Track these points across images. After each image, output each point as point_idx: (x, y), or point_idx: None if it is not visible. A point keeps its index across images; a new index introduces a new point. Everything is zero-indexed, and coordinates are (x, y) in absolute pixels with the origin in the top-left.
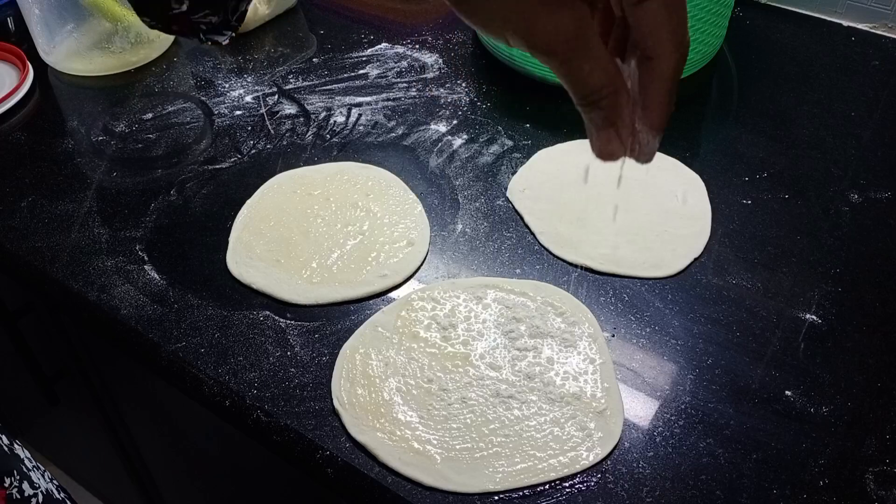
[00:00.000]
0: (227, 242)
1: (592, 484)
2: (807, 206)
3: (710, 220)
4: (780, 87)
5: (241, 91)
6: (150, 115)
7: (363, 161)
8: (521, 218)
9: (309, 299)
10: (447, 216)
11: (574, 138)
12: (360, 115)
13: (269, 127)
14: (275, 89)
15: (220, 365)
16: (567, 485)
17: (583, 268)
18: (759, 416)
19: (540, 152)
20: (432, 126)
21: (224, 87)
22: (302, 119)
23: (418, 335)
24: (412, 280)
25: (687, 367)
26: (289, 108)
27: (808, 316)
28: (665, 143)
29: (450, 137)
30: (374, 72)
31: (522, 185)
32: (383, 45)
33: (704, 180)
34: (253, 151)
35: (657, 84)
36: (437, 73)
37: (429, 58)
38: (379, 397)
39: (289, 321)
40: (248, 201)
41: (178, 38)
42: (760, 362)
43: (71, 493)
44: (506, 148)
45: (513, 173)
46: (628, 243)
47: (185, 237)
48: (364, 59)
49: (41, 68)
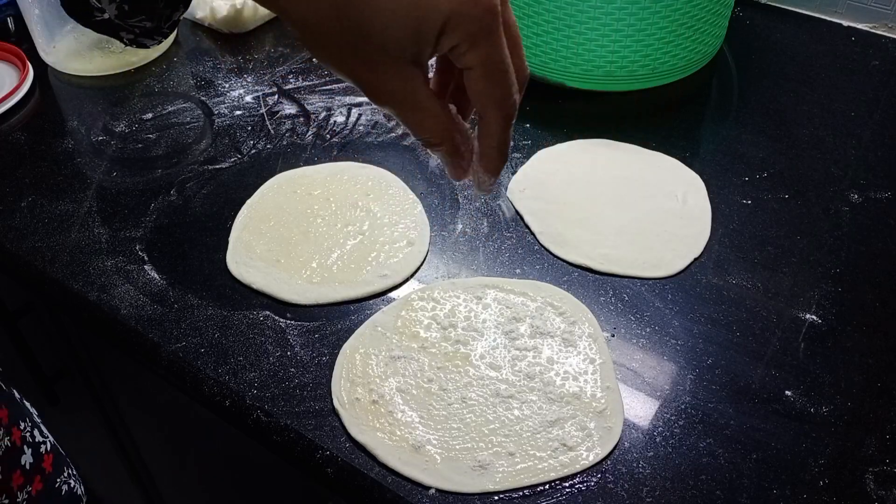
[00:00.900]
0: (227, 242)
1: (592, 484)
2: (807, 206)
3: (710, 220)
4: (780, 87)
5: (241, 91)
6: (150, 115)
7: (363, 161)
8: (521, 218)
9: (309, 299)
10: (447, 216)
11: (574, 138)
12: (360, 115)
13: (269, 127)
14: (275, 89)
15: (220, 365)
16: (567, 485)
17: (583, 268)
18: (759, 416)
19: (540, 152)
20: None
21: (224, 87)
22: (302, 119)
23: (418, 335)
24: (412, 280)
25: (687, 367)
26: (289, 108)
27: (808, 316)
28: (665, 143)
29: None
30: None
31: (522, 184)
32: None
33: (704, 180)
34: (253, 151)
35: (487, 139)
36: None
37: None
38: (379, 397)
39: (289, 321)
40: (248, 201)
41: (178, 38)
42: (760, 362)
43: None
44: None
45: (513, 173)
46: (628, 243)
47: (185, 237)
48: None
49: (41, 68)
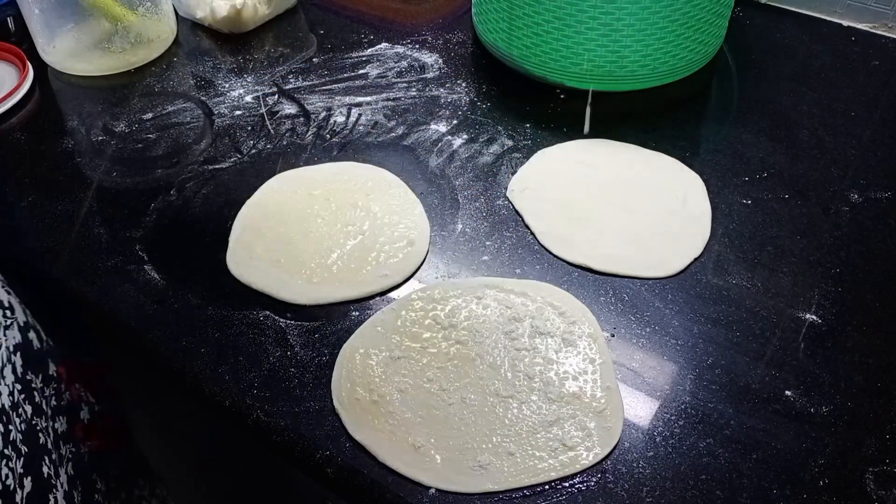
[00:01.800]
0: (227, 242)
1: (592, 484)
2: (807, 206)
3: (710, 220)
4: (780, 87)
5: (241, 91)
6: (150, 115)
7: (363, 161)
8: (521, 218)
9: (309, 299)
10: (447, 216)
11: (574, 138)
12: (360, 115)
13: (269, 127)
14: (275, 89)
15: (220, 365)
16: (567, 485)
17: (583, 268)
18: (759, 416)
19: (540, 152)
20: (432, 126)
21: (224, 87)
22: (302, 119)
23: (418, 335)
24: (412, 280)
25: (687, 367)
26: (289, 108)
27: (808, 316)
28: (665, 143)
29: (450, 137)
30: (374, 72)
31: (522, 185)
32: (383, 45)
33: (704, 180)
34: (253, 151)
35: None
36: (437, 73)
37: (429, 58)
38: (379, 397)
39: (289, 321)
40: (248, 201)
41: (178, 38)
42: (760, 362)
43: None
44: (506, 148)
45: (513, 173)
46: (628, 243)
47: (185, 237)
48: (364, 59)
49: (41, 68)
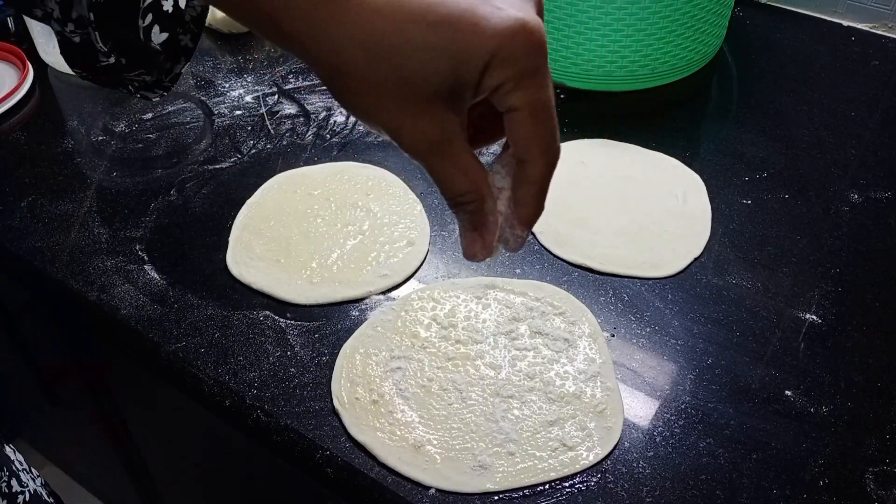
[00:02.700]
0: (227, 242)
1: (592, 484)
2: (807, 206)
3: (710, 220)
4: (780, 87)
5: (241, 91)
6: (150, 115)
7: (363, 161)
8: None
9: (309, 299)
10: (447, 216)
11: (574, 138)
12: None
13: (269, 127)
14: (275, 89)
15: (220, 365)
16: (567, 485)
17: (583, 268)
18: (759, 416)
19: None
20: None
21: (224, 87)
22: (302, 119)
23: (418, 335)
24: (412, 280)
25: (687, 367)
26: (289, 108)
27: (808, 316)
28: (665, 143)
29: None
30: None
31: None
32: None
33: (704, 180)
34: (253, 151)
35: (526, 187)
36: None
37: None
38: (379, 397)
39: (289, 321)
40: (248, 201)
41: None
42: (760, 362)
43: (70, 492)
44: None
45: None
46: (628, 243)
47: (185, 237)
48: None
49: (41, 68)
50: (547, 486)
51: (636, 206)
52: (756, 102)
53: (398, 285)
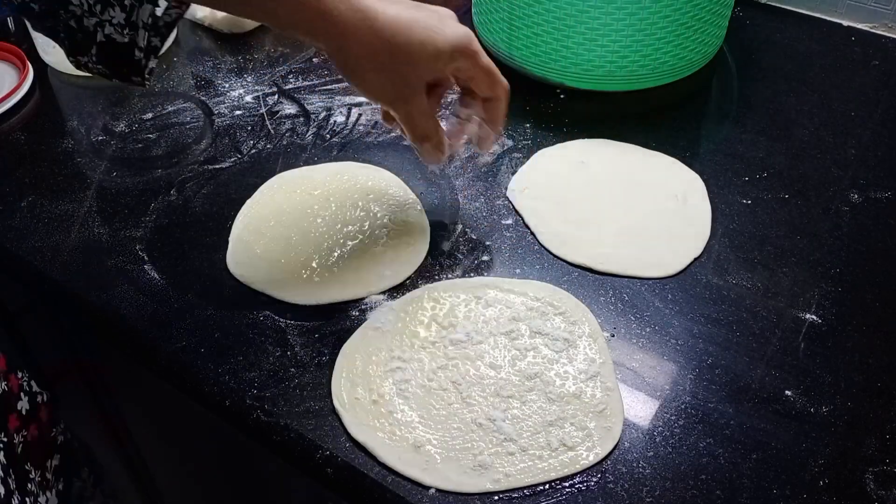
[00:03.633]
0: (227, 242)
1: (592, 484)
2: (807, 206)
3: (710, 220)
4: (780, 87)
5: (241, 91)
6: (150, 115)
7: (363, 161)
8: (521, 218)
9: (309, 299)
10: (447, 216)
11: (574, 138)
12: (360, 114)
13: (269, 127)
14: (275, 89)
15: (220, 365)
16: (567, 485)
17: (583, 268)
18: (759, 416)
19: (540, 152)
20: None
21: (224, 87)
22: (302, 119)
23: (418, 335)
24: (412, 280)
25: (687, 367)
26: (289, 108)
27: (808, 316)
28: (665, 143)
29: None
30: None
31: (522, 184)
32: None
33: (704, 180)
34: (253, 151)
35: (496, 110)
36: None
37: None
38: (379, 397)
39: (289, 321)
40: (249, 201)
41: (178, 38)
42: (760, 362)
43: None
44: (506, 148)
45: (513, 173)
46: (628, 243)
47: (185, 237)
48: None
49: (41, 68)
50: (547, 486)
51: (636, 206)
52: (756, 102)
53: (398, 286)
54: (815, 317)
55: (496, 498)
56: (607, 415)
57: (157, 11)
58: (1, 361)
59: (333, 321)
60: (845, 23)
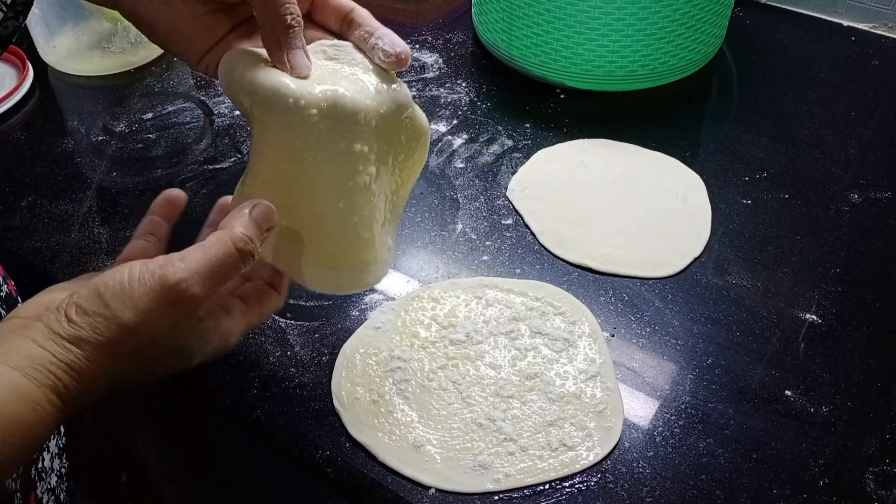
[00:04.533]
0: None
1: (592, 484)
2: (807, 206)
3: (710, 220)
4: (780, 87)
5: None
6: (150, 115)
7: None
8: (521, 218)
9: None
10: (447, 216)
11: (574, 138)
12: None
13: None
14: None
15: (220, 365)
16: (567, 485)
17: (583, 268)
18: (759, 416)
19: (540, 152)
20: (432, 126)
21: None
22: None
23: (418, 335)
24: (412, 280)
25: (687, 367)
26: None
27: (808, 316)
28: (665, 143)
29: (450, 137)
30: None
31: (522, 184)
32: None
33: (704, 180)
34: None
35: (371, 20)
36: (437, 72)
37: (429, 58)
38: (379, 397)
39: (289, 321)
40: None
41: None
42: (760, 362)
43: None
44: (506, 148)
45: (513, 173)
46: (628, 243)
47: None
48: None
49: (41, 68)
50: (547, 486)
51: (636, 205)
52: (756, 102)
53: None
54: (815, 317)
55: (496, 498)
56: (607, 415)
57: None
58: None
59: (333, 321)
60: (845, 23)
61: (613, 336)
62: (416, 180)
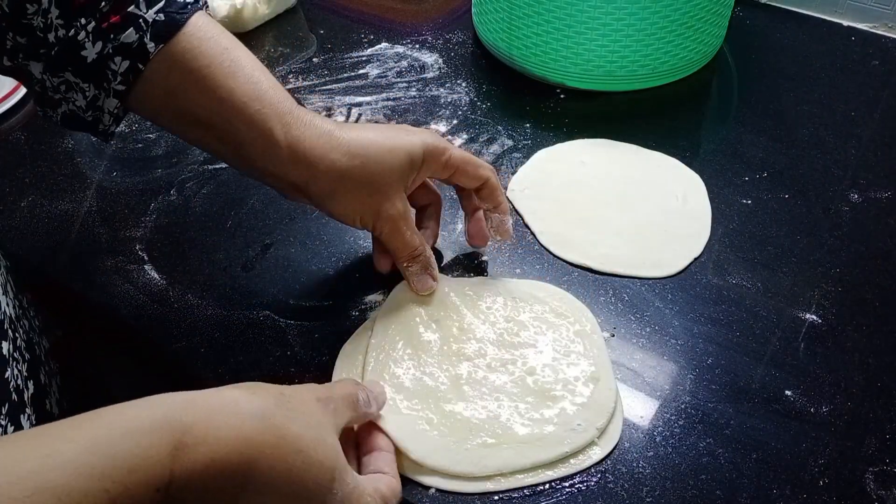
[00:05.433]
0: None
1: (592, 484)
2: (807, 206)
3: (710, 220)
4: (780, 87)
5: None
6: None
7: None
8: (521, 218)
9: None
10: (447, 216)
11: (574, 138)
12: (360, 114)
13: None
14: None
15: (220, 365)
16: (567, 485)
17: (583, 268)
18: (759, 416)
19: (540, 152)
20: (432, 126)
21: None
22: None
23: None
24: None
25: (687, 367)
26: None
27: (808, 316)
28: (665, 143)
29: (450, 137)
30: (374, 71)
31: (522, 184)
32: (383, 44)
33: (704, 180)
34: None
35: (495, 194)
36: (437, 72)
37: (429, 58)
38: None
39: (289, 321)
40: None
41: None
42: (760, 362)
43: None
44: (506, 148)
45: (513, 173)
46: (628, 243)
47: (185, 237)
48: (364, 58)
49: None
50: (547, 486)
51: (636, 206)
52: (756, 102)
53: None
54: (815, 317)
55: (496, 498)
56: (607, 415)
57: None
58: (31, 298)
59: (333, 321)
60: (845, 23)
61: (613, 336)
62: None
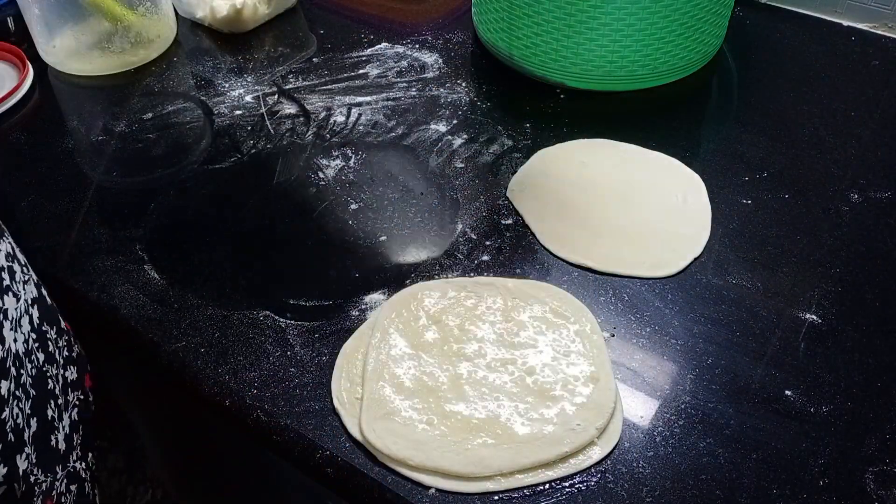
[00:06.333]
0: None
1: (592, 484)
2: (807, 206)
3: (710, 220)
4: (780, 87)
5: (241, 91)
6: (150, 115)
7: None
8: (521, 218)
9: None
10: (447, 216)
11: (574, 138)
12: (360, 114)
13: (269, 127)
14: (275, 89)
15: (220, 365)
16: (567, 485)
17: (583, 268)
18: (759, 416)
19: (540, 152)
20: (432, 126)
21: (224, 87)
22: (302, 119)
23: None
24: (412, 280)
25: (687, 367)
26: (289, 108)
27: (808, 316)
28: (665, 143)
29: (450, 137)
30: (374, 71)
31: (522, 184)
32: (383, 44)
33: (704, 180)
34: (253, 151)
35: None
36: (437, 72)
37: (429, 57)
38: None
39: (289, 321)
40: None
41: (178, 38)
42: (760, 362)
43: None
44: (506, 148)
45: (513, 173)
46: (628, 243)
47: (185, 237)
48: (364, 58)
49: (41, 68)
50: (547, 486)
51: (636, 206)
52: (756, 102)
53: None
54: (815, 317)
55: (496, 498)
56: (607, 415)
57: None
58: (69, 326)
59: (333, 321)
60: (845, 23)
61: (613, 336)
62: (416, 179)
